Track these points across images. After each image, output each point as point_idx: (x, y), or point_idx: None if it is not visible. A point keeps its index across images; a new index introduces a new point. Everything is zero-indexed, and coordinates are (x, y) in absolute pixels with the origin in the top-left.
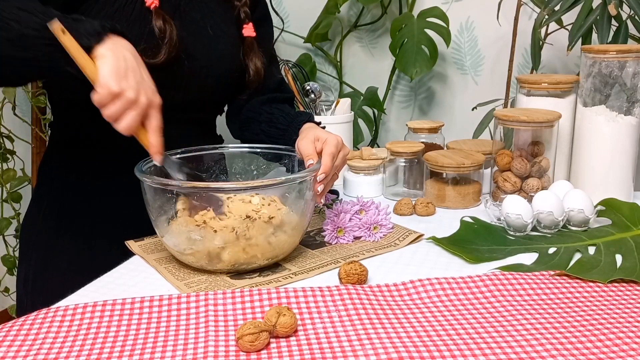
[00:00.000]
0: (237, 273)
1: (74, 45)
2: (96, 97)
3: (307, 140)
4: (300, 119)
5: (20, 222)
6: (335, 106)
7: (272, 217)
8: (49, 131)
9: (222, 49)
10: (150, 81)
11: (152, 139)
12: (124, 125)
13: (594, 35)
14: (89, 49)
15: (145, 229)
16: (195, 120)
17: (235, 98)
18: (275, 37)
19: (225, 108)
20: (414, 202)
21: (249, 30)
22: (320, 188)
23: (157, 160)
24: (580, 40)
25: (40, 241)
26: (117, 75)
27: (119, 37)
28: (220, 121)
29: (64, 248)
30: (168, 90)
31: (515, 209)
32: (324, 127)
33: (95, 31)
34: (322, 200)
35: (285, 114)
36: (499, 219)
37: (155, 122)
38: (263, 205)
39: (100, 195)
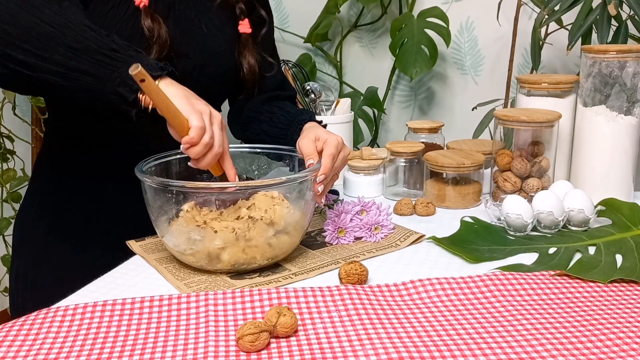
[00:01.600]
0: (237, 273)
1: (160, 93)
2: (188, 140)
3: (307, 140)
4: (301, 118)
5: None
6: (335, 106)
7: (274, 222)
8: (45, 128)
9: (217, 47)
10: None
11: (231, 172)
12: (217, 142)
13: (594, 35)
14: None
15: (139, 229)
16: None
17: (235, 98)
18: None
19: (225, 109)
20: (414, 202)
21: (244, 27)
22: (320, 189)
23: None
24: (580, 40)
25: (33, 237)
26: (202, 119)
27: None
28: None
29: (56, 245)
30: None
31: (515, 209)
32: (325, 126)
33: (159, 67)
34: (323, 200)
35: (286, 113)
36: (499, 219)
37: (229, 159)
38: (282, 199)
39: (94, 195)
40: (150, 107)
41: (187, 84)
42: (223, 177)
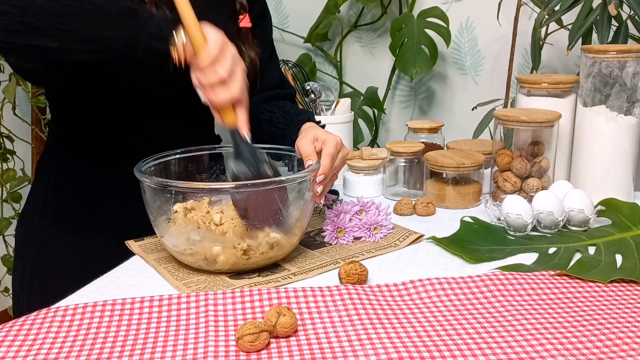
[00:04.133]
0: (236, 273)
1: (187, 10)
2: (210, 51)
3: (306, 140)
4: (300, 118)
5: None
6: (335, 106)
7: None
8: (47, 129)
9: None
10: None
11: (242, 116)
12: (237, 86)
13: (594, 35)
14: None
15: (143, 225)
16: (190, 117)
17: None
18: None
19: None
20: (414, 202)
21: (245, 22)
22: (319, 189)
23: (248, 135)
24: (580, 40)
25: (37, 238)
26: (222, 44)
27: None
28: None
29: (60, 244)
30: (163, 84)
31: (515, 209)
32: (323, 126)
33: (160, 6)
34: (322, 201)
35: (285, 113)
36: (499, 219)
37: (246, 102)
38: None
39: (98, 191)
40: (182, 53)
41: (189, 78)
42: (234, 132)
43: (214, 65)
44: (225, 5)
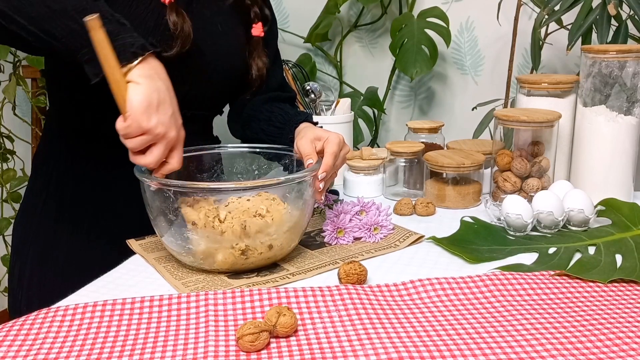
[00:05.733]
0: (235, 273)
1: (106, 53)
2: (122, 128)
3: (306, 140)
4: (297, 118)
5: None
6: (335, 106)
7: (272, 218)
8: (44, 123)
9: (229, 45)
10: (179, 115)
11: (165, 170)
12: (149, 160)
13: (594, 35)
14: (122, 66)
15: (144, 223)
16: (194, 117)
17: (238, 98)
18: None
19: (225, 109)
20: (414, 202)
21: (257, 30)
22: (321, 185)
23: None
24: (580, 40)
25: (38, 235)
26: (149, 108)
27: (154, 58)
28: (220, 122)
29: (62, 242)
30: (175, 84)
31: (515, 209)
32: (320, 127)
33: (137, 47)
34: (322, 198)
35: (284, 113)
36: (499, 219)
37: (176, 158)
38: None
39: (99, 186)
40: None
41: (200, 79)
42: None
43: (135, 137)
44: (237, 12)
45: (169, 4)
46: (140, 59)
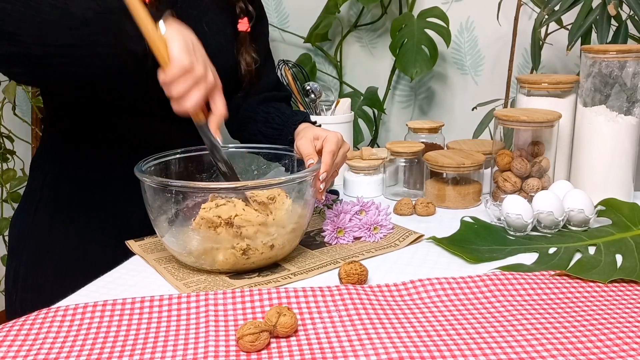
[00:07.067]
0: (236, 273)
1: (144, 17)
2: (168, 73)
3: (306, 140)
4: (295, 119)
5: None
6: (335, 106)
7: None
8: (42, 125)
9: (217, 45)
10: (210, 62)
11: (214, 120)
12: (191, 103)
13: (594, 35)
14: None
15: (140, 223)
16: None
17: (232, 97)
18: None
19: None
20: (414, 202)
21: (243, 25)
22: (321, 186)
23: (220, 140)
24: (580, 40)
25: (33, 236)
26: (188, 51)
27: (171, 16)
28: None
29: (57, 243)
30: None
31: (515, 209)
32: (319, 126)
33: (159, 8)
34: (322, 197)
35: (281, 114)
36: (499, 219)
37: (220, 102)
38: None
39: (95, 188)
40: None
41: None
42: (202, 127)
43: (179, 79)
44: (224, 8)
45: (149, 3)
46: (167, 17)
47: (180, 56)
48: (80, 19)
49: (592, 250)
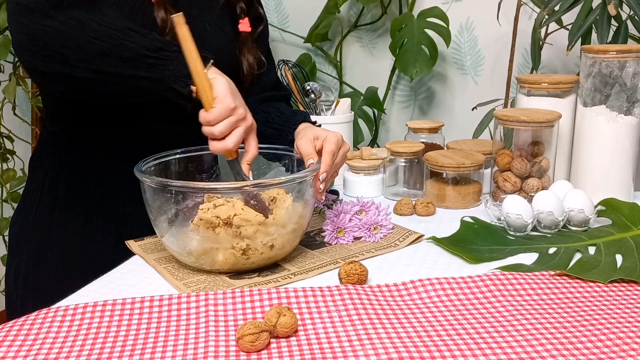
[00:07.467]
0: (236, 273)
1: (196, 59)
2: (213, 112)
3: (306, 140)
4: (295, 119)
5: None
6: (335, 106)
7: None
8: (41, 124)
9: (218, 44)
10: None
11: (247, 159)
12: (233, 141)
13: (594, 35)
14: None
15: (140, 222)
16: (190, 117)
17: None
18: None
19: None
20: (414, 202)
21: (244, 25)
22: (321, 186)
23: (250, 177)
24: (580, 40)
25: (33, 235)
26: (233, 93)
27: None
28: None
29: (57, 242)
30: None
31: (515, 209)
32: (319, 126)
33: (206, 56)
34: (322, 197)
35: (281, 114)
36: (499, 219)
37: (254, 143)
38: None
39: (94, 187)
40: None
41: None
42: (234, 162)
43: (224, 119)
44: (225, 9)
45: (157, 2)
46: (211, 63)
47: (225, 97)
48: (133, 53)
49: (592, 250)
